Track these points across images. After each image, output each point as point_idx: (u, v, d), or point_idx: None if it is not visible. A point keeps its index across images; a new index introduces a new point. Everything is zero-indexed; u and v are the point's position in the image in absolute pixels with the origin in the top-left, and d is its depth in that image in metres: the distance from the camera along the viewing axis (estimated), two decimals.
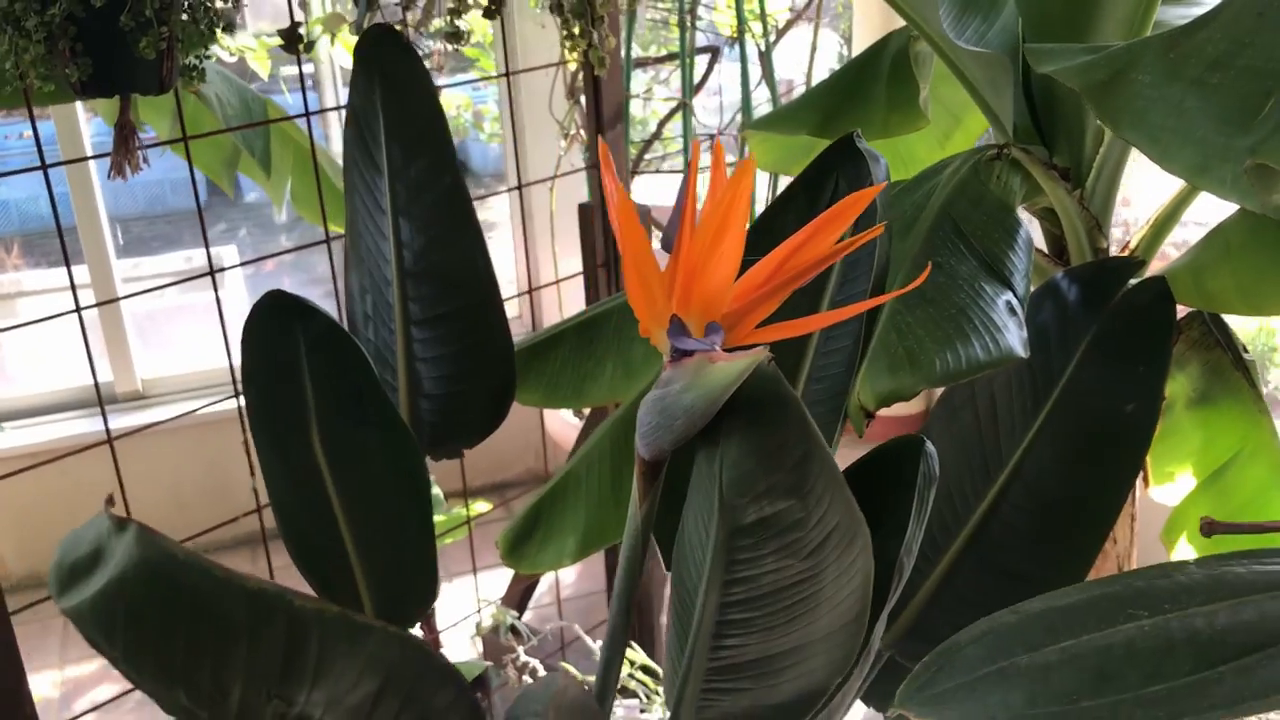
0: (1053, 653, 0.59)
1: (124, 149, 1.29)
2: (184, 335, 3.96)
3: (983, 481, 1.14)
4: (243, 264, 2.50)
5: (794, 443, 0.62)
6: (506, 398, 1.20)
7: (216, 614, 0.56)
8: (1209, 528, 0.74)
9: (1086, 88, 0.97)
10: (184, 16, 1.22)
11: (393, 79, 1.20)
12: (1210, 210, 1.38)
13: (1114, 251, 1.37)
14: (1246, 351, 1.28)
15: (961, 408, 1.13)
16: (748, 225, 0.66)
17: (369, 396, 1.03)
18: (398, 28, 1.37)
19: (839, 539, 0.68)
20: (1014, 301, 0.96)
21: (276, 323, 1.00)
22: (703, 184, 0.67)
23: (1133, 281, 1.19)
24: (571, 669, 1.83)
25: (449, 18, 1.62)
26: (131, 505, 1.45)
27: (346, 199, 1.17)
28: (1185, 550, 1.33)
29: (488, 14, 1.66)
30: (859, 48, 2.96)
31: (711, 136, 2.96)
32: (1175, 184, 1.37)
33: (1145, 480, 1.36)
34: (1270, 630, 0.54)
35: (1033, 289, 1.18)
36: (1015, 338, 0.93)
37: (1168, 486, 1.35)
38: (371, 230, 1.17)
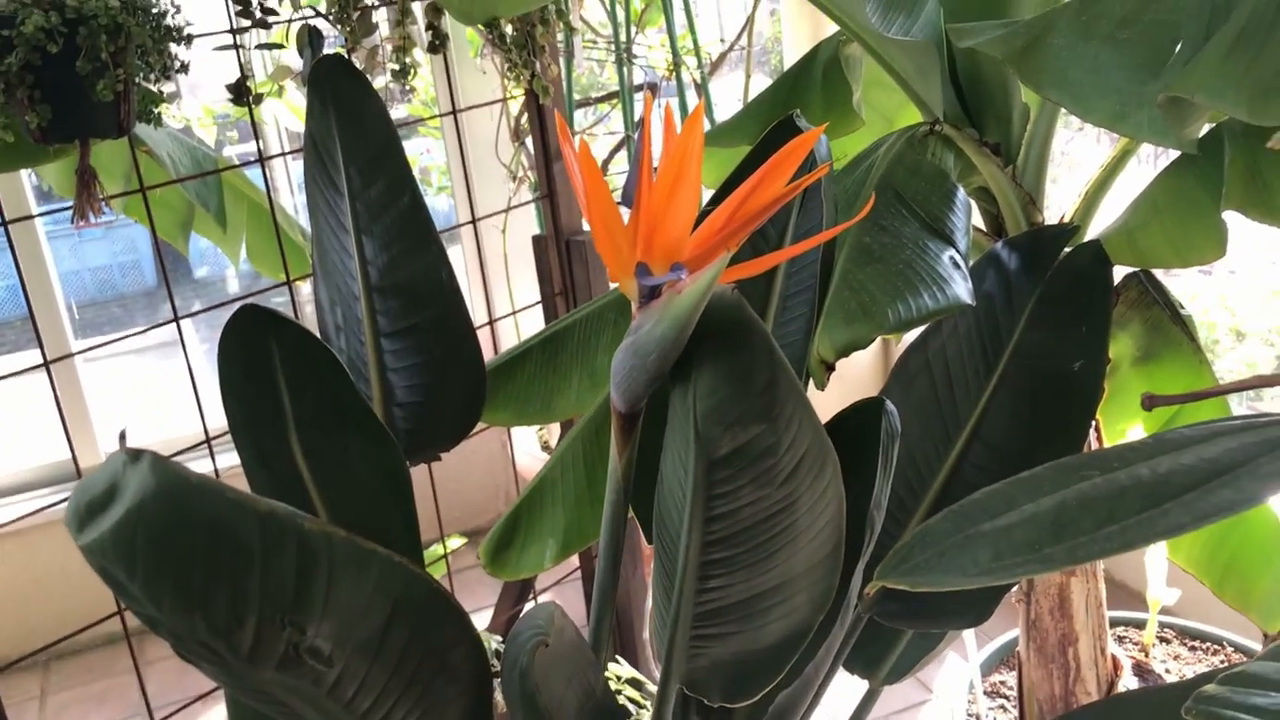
0: (1013, 515, 0.63)
1: (85, 194, 1.32)
2: (144, 408, 3.96)
3: (943, 445, 1.19)
4: (207, 309, 2.55)
5: (761, 365, 0.66)
6: (478, 402, 1.23)
7: (231, 537, 0.59)
8: (1149, 401, 0.78)
9: (1008, 55, 1.03)
10: (139, 61, 1.26)
11: (346, 105, 1.24)
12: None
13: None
14: (1183, 308, 1.34)
15: (917, 374, 1.17)
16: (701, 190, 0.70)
17: (345, 401, 1.05)
18: None
19: (810, 464, 0.72)
20: (957, 256, 1.01)
21: (251, 334, 1.03)
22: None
23: (1069, 248, 1.25)
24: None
25: (395, 55, 1.67)
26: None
27: (310, 218, 1.20)
28: None
29: (431, 49, 1.71)
30: None
31: None
32: (1092, 168, 1.44)
33: (1100, 439, 1.41)
34: (1207, 469, 0.59)
35: (973, 262, 1.24)
36: (962, 288, 0.97)
37: (1121, 443, 1.40)
38: (336, 247, 1.20)
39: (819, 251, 0.97)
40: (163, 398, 4.07)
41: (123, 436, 0.59)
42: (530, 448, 3.04)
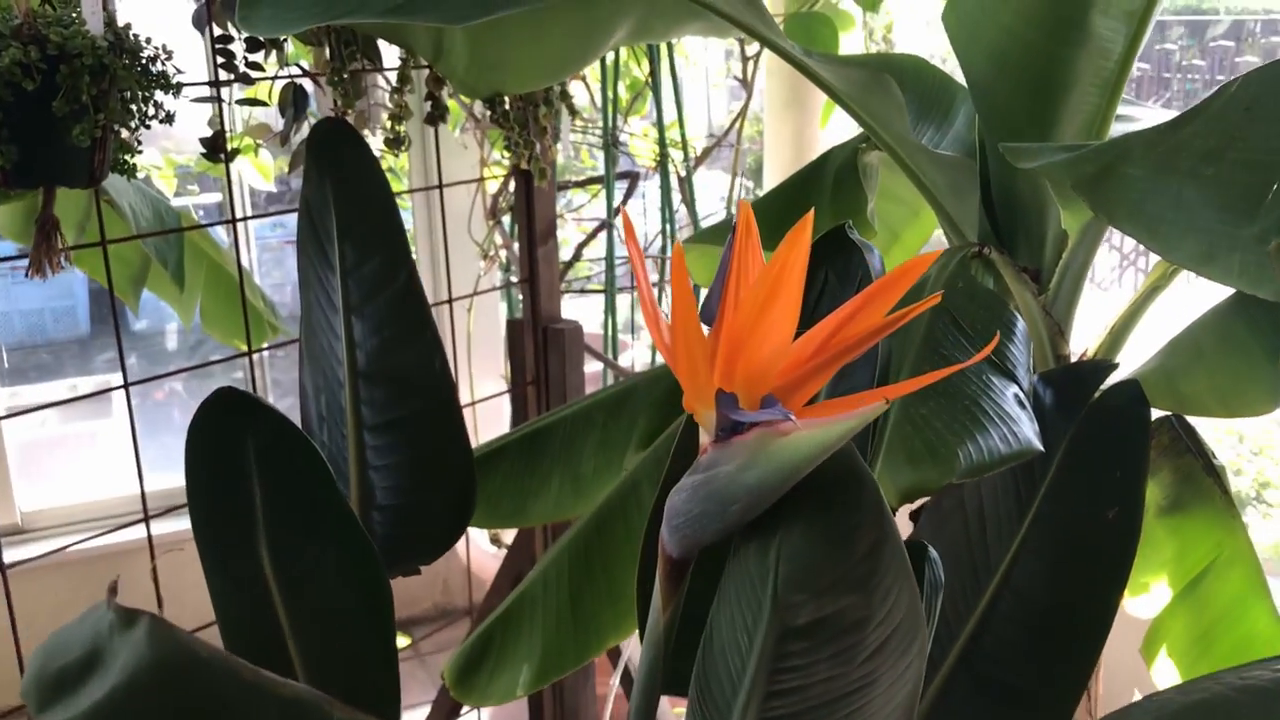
0: None
1: (45, 245, 1.19)
2: (67, 467, 3.73)
3: (973, 592, 1.09)
4: (155, 379, 2.33)
5: (867, 527, 0.56)
6: (466, 509, 1.12)
7: None
8: None
9: (1078, 182, 0.96)
10: (121, 106, 1.15)
11: (345, 173, 1.14)
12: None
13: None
14: (1215, 457, 1.27)
15: (951, 514, 1.08)
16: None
17: (326, 505, 0.93)
18: None
19: (899, 640, 0.61)
20: (1020, 394, 0.93)
21: (224, 423, 0.91)
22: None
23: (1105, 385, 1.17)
24: None
25: (390, 124, 1.57)
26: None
27: (301, 294, 1.09)
28: (1165, 664, 1.29)
29: (429, 119, 1.62)
30: (770, 183, 3.00)
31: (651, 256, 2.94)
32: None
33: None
34: None
35: None
36: (1030, 430, 0.89)
37: (1143, 598, 1.31)
38: (325, 329, 1.09)
39: (873, 376, 0.88)
40: (92, 455, 3.86)
41: (112, 589, 0.47)
42: (477, 537, 2.90)
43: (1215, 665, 1.26)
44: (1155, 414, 1.32)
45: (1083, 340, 1.41)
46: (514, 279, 2.92)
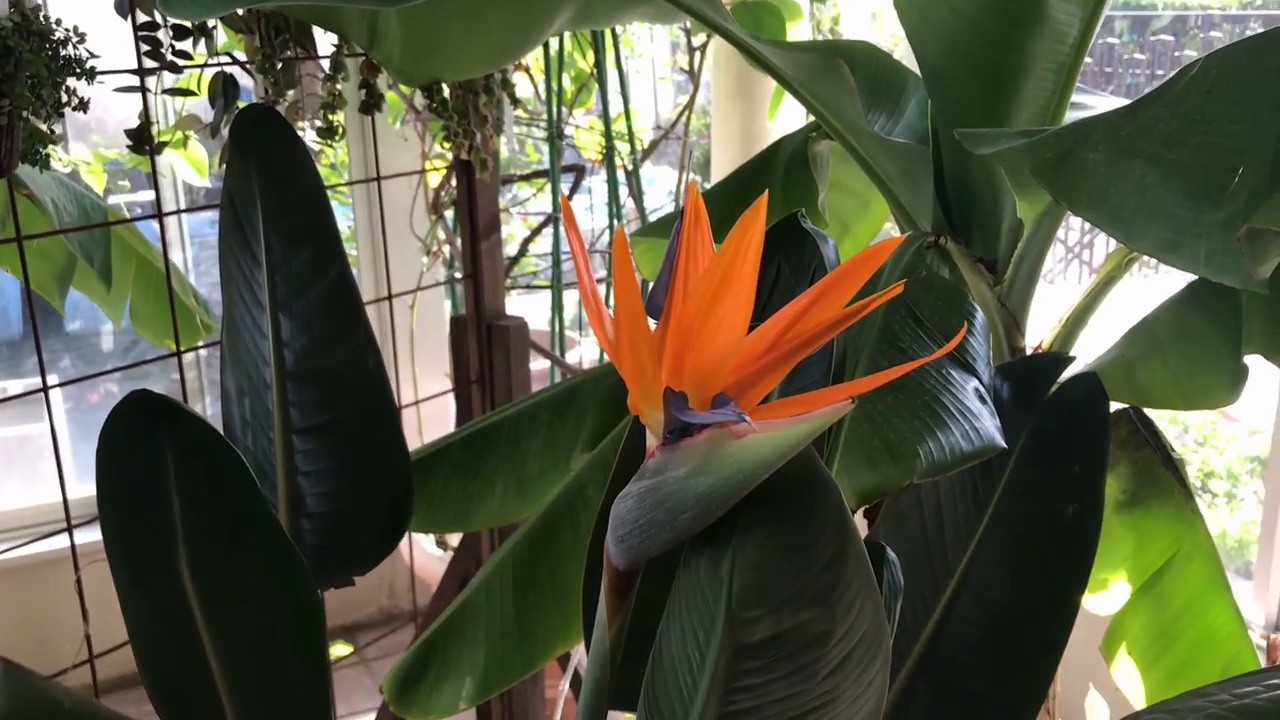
0: None
1: None
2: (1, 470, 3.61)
3: (931, 594, 1.06)
4: (80, 380, 2.19)
5: (828, 537, 0.52)
6: (402, 516, 1.06)
7: None
8: None
9: (1037, 168, 0.93)
10: (29, 93, 1.08)
11: (272, 163, 1.08)
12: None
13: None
14: (1174, 451, 1.25)
15: (908, 513, 1.04)
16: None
17: (250, 516, 0.87)
18: None
19: (862, 654, 0.57)
20: (981, 388, 0.89)
21: (139, 428, 0.85)
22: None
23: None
24: None
25: (322, 112, 1.51)
26: None
27: (223, 290, 1.03)
28: (1125, 662, 1.27)
29: (364, 109, 1.56)
30: (719, 177, 2.96)
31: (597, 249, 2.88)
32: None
33: None
34: None
35: None
36: (992, 426, 0.85)
37: (1102, 594, 1.29)
38: (249, 326, 1.02)
39: (828, 371, 0.84)
40: (21, 459, 3.74)
41: None
42: (422, 539, 2.84)
43: (1176, 662, 1.23)
44: (1113, 406, 1.30)
45: (1035, 333, 1.38)
46: (458, 274, 2.85)
